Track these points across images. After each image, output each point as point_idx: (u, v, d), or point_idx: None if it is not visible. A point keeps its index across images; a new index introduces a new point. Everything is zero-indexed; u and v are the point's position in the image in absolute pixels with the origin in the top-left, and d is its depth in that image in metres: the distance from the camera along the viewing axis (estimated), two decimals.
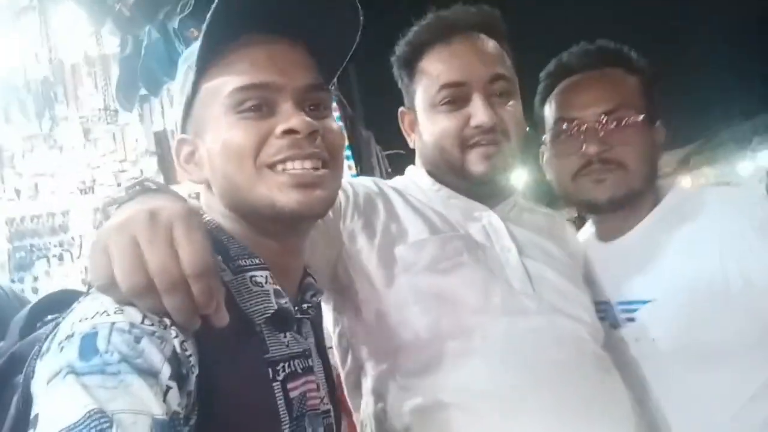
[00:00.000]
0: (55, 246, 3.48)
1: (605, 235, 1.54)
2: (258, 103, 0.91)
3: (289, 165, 0.91)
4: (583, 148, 1.40)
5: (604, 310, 1.45)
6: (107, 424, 0.59)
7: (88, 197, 3.57)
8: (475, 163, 1.35)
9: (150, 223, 0.72)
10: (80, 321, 0.70)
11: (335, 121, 1.02)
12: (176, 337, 0.71)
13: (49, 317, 0.88)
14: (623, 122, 1.40)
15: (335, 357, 1.39)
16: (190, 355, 0.73)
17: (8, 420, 0.75)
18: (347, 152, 4.68)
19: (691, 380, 1.31)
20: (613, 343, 1.41)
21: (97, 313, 0.70)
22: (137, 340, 0.67)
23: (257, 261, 0.92)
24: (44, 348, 0.73)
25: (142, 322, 0.70)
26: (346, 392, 1.40)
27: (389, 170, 5.43)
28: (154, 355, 0.67)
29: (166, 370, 0.67)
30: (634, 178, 1.41)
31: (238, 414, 0.76)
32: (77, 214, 3.54)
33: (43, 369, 0.69)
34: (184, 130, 1.01)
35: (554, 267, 1.39)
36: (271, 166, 0.91)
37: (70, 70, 3.48)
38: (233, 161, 0.91)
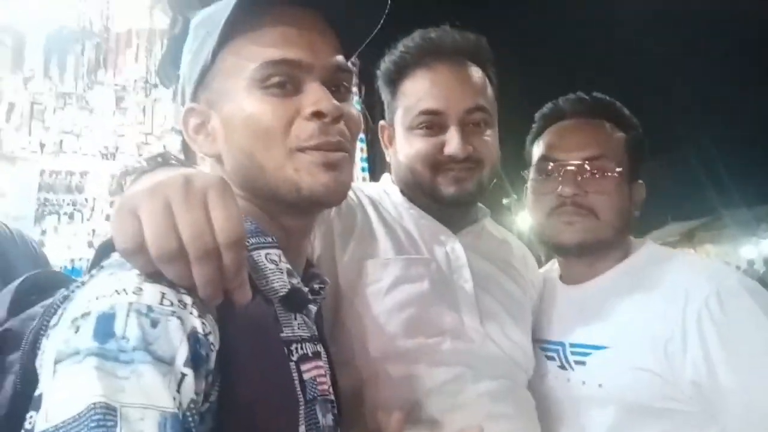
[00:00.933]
0: (67, 204, 3.53)
1: (570, 277, 1.57)
2: (284, 80, 0.88)
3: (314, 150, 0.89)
4: (560, 189, 1.45)
5: (555, 350, 1.49)
6: (112, 422, 0.57)
7: (108, 163, 3.63)
8: (446, 185, 1.37)
9: (185, 189, 0.69)
10: (97, 298, 0.66)
11: (354, 103, 1.00)
12: (197, 316, 0.68)
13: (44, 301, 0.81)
14: (602, 172, 1.44)
15: None
16: (209, 333, 0.69)
17: (3, 400, 0.71)
18: (364, 164, 4.74)
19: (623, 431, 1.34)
20: (556, 382, 1.46)
21: (116, 291, 0.66)
22: (154, 324, 0.64)
23: (270, 239, 0.89)
24: (52, 323, 0.70)
25: (161, 303, 0.66)
26: None
27: None
28: (170, 341, 0.64)
29: (182, 356, 0.64)
30: (603, 227, 1.44)
31: (259, 391, 0.74)
32: (95, 177, 3.60)
33: (51, 346, 0.66)
34: (194, 99, 0.96)
35: (505, 305, 1.43)
36: (300, 150, 0.89)
37: (115, 38, 3.56)
38: (260, 141, 0.88)
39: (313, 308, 0.97)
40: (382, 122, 1.53)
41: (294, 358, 0.85)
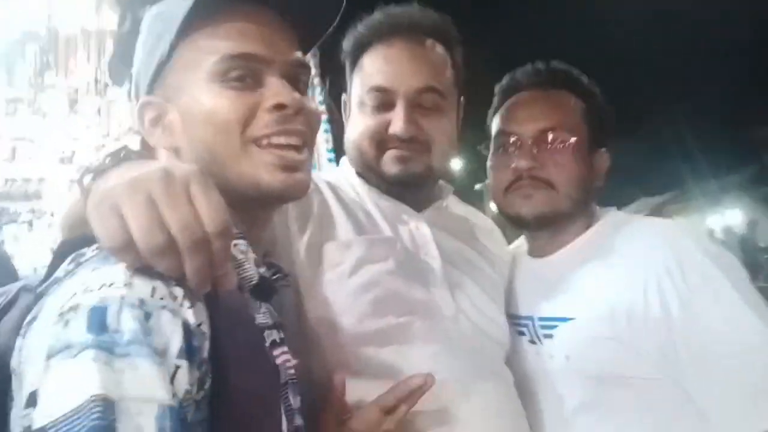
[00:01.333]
0: (26, 212, 3.45)
1: (536, 250, 1.55)
2: (243, 74, 0.89)
3: (274, 140, 0.89)
4: (515, 162, 1.42)
5: (525, 325, 1.48)
6: (112, 416, 0.57)
7: (66, 167, 3.54)
8: (389, 164, 1.34)
9: (166, 181, 0.69)
10: (84, 292, 0.65)
11: (312, 99, 1.02)
12: (188, 307, 0.68)
13: None
14: (558, 142, 1.42)
15: None
16: (201, 323, 0.69)
17: None
18: (331, 154, 4.73)
19: (595, 403, 1.33)
20: (528, 357, 1.45)
21: (104, 284, 0.65)
22: (147, 316, 0.64)
23: (236, 230, 0.91)
24: (27, 320, 0.69)
25: (152, 296, 0.66)
26: None
27: None
28: (163, 333, 0.64)
29: (175, 348, 0.64)
30: (561, 198, 1.42)
31: (246, 375, 0.74)
32: (53, 182, 3.52)
33: (35, 342, 0.65)
34: (150, 93, 0.96)
35: (475, 279, 1.40)
36: (258, 142, 0.89)
37: (65, 40, 3.48)
38: (219, 133, 0.88)
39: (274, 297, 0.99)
40: (344, 96, 1.49)
41: (267, 343, 0.86)
